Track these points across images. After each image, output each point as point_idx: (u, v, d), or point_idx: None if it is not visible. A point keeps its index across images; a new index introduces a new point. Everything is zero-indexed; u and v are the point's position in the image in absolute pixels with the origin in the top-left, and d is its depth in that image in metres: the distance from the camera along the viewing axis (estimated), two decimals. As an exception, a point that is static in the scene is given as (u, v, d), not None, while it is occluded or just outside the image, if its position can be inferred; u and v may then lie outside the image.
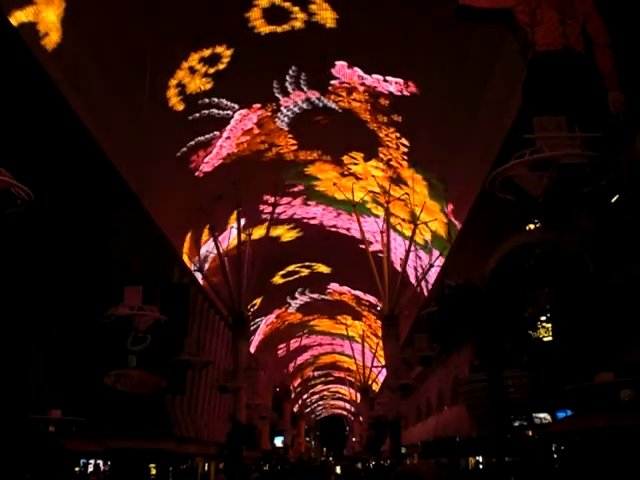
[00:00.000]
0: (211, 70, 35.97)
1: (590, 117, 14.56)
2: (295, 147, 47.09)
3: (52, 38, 26.18)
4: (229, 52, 35.38)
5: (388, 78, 37.57)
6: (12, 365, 31.54)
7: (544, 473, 23.79)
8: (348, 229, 58.69)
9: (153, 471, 42.96)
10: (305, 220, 58.27)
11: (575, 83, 14.56)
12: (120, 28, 29.25)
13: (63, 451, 28.36)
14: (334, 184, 51.44)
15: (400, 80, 37.17)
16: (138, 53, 31.17)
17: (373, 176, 49.37)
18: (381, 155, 46.25)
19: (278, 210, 52.67)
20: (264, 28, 34.35)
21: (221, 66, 35.90)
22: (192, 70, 35.41)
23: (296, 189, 53.28)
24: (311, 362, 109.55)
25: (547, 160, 12.02)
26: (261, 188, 50.82)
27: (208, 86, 37.00)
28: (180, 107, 36.60)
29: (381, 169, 48.08)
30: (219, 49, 35.13)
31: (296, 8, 33.55)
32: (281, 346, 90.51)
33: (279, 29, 34.54)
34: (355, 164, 49.04)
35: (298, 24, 34.39)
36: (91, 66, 29.35)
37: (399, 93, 38.03)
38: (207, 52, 34.98)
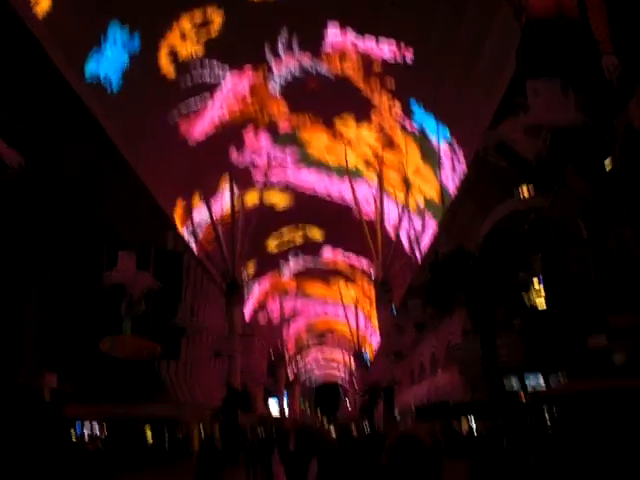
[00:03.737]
0: (203, 34, 35.62)
1: (584, 81, 14.47)
2: (287, 112, 46.86)
3: (42, 6, 25.88)
4: (220, 15, 35.03)
5: (381, 40, 37.27)
6: (6, 333, 31.56)
7: (537, 436, 24.01)
8: (339, 193, 58.52)
9: (150, 436, 43.24)
10: (296, 184, 58.12)
11: (569, 47, 14.45)
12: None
13: (59, 417, 28.48)
14: (326, 148, 51.30)
15: (393, 43, 36.89)
16: (130, 17, 30.94)
17: (365, 141, 49.24)
18: (373, 119, 46.07)
19: (269, 174, 52.62)
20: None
21: (212, 30, 35.54)
22: (184, 35, 35.06)
23: (287, 153, 53.07)
24: (305, 328, 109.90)
25: (541, 124, 11.98)
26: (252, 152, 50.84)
27: (200, 51, 36.66)
28: (172, 72, 36.29)
29: (373, 133, 47.92)
30: (210, 11, 34.74)
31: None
32: (275, 312, 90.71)
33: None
34: (347, 129, 48.86)
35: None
36: (82, 33, 29.05)
37: (392, 58, 37.76)
38: (198, 16, 34.60)
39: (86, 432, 34.36)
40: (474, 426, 32.97)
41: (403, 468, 3.01)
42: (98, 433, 35.15)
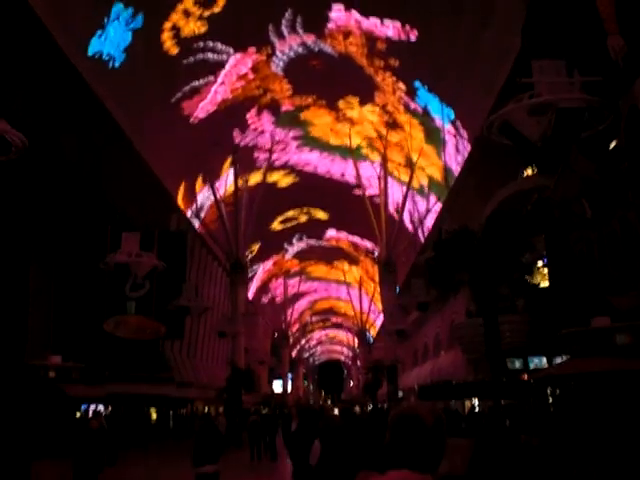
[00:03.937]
0: (206, 13, 35.44)
1: (589, 61, 14.40)
2: (290, 92, 46.70)
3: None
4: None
5: (386, 21, 37.06)
6: (11, 312, 31.67)
7: (539, 416, 24.08)
8: (343, 174, 58.41)
9: (154, 415, 43.50)
10: (300, 166, 58.01)
11: (575, 27, 14.37)
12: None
13: (64, 397, 28.61)
14: (331, 129, 51.21)
15: (398, 23, 36.69)
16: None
17: (369, 121, 49.11)
18: (377, 100, 45.91)
19: (273, 156, 52.54)
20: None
21: (216, 9, 35.38)
22: (187, 13, 34.88)
23: (291, 134, 52.95)
24: (309, 308, 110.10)
25: (546, 104, 11.95)
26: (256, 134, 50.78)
27: (203, 29, 36.47)
28: (174, 51, 36.12)
29: (377, 114, 47.77)
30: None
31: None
32: (279, 292, 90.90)
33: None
34: (351, 109, 48.71)
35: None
36: (86, 12, 28.93)
37: (396, 37, 37.56)
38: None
39: (90, 411, 34.54)
40: (477, 406, 33.09)
41: (405, 446, 3.03)
42: (102, 412, 35.32)
